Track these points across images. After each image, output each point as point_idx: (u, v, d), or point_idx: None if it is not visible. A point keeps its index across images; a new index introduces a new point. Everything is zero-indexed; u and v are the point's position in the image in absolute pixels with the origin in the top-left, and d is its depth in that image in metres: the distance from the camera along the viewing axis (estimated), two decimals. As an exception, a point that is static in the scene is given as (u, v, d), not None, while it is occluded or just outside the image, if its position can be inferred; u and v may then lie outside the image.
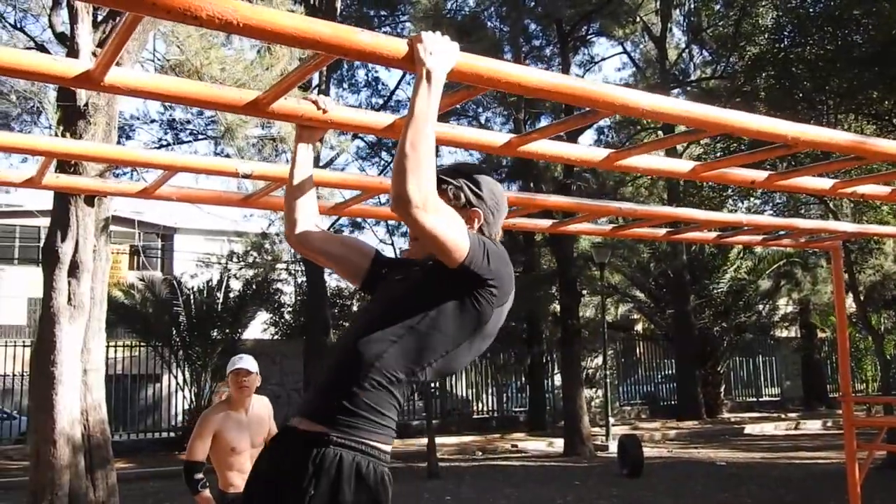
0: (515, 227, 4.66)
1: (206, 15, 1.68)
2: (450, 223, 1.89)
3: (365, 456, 1.92)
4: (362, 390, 1.94)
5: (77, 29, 6.92)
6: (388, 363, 1.96)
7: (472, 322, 2.02)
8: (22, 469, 13.23)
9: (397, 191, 1.80)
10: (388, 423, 1.98)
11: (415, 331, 1.98)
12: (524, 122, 16.23)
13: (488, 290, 1.99)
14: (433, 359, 2.01)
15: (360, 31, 1.95)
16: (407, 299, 2.05)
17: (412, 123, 1.85)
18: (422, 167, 1.81)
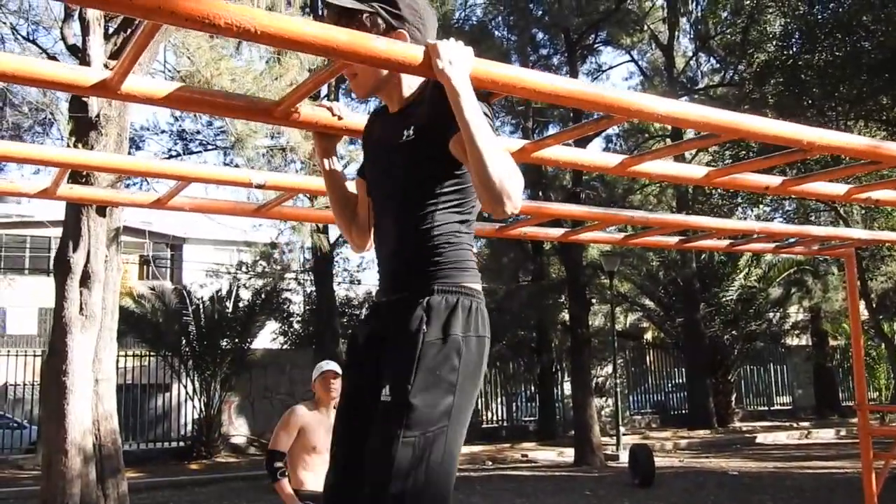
0: (526, 236, 4.65)
1: (225, 23, 1.68)
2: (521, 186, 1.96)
3: (466, 297, 2.03)
4: (438, 253, 2.04)
5: (89, 41, 6.97)
6: (443, 225, 2.05)
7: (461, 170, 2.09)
8: (33, 478, 13.26)
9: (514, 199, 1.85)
10: (472, 267, 2.09)
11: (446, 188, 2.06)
12: (532, 130, 16.23)
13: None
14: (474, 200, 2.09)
15: (375, 38, 1.95)
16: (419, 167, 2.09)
17: (479, 136, 1.86)
18: (511, 167, 1.87)
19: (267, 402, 18.33)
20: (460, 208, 2.09)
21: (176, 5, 1.62)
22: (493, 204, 1.85)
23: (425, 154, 2.06)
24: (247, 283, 20.09)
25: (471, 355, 2.01)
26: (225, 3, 1.72)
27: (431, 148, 2.05)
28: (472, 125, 1.86)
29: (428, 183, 2.07)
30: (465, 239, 2.10)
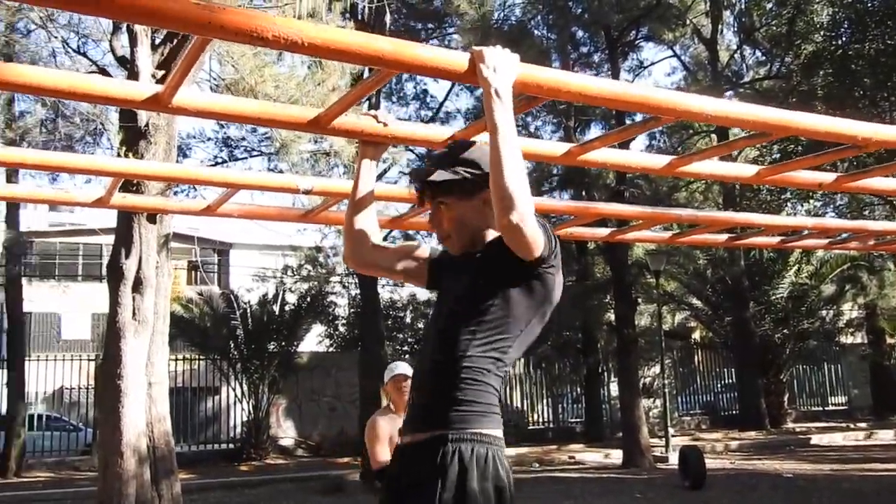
0: (572, 236, 4.62)
1: (273, 36, 1.71)
2: (536, 224, 1.94)
3: (482, 444, 1.98)
4: (460, 390, 2.00)
5: (137, 52, 7.12)
6: (473, 359, 2.01)
7: (540, 298, 2.08)
8: (88, 479, 13.59)
9: (518, 219, 1.86)
10: (493, 411, 2.04)
11: (487, 322, 2.03)
12: (574, 129, 16.13)
13: (551, 265, 2.06)
14: (511, 343, 2.06)
15: (419, 45, 1.97)
16: (472, 295, 2.09)
17: (505, 144, 1.89)
18: (525, 183, 1.89)
19: (314, 404, 18.52)
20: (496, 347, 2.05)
21: (225, 21, 1.65)
22: (502, 212, 1.88)
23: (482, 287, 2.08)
24: (292, 286, 20.31)
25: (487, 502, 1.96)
26: (272, 17, 1.75)
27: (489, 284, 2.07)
28: (500, 131, 1.89)
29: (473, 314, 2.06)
30: (492, 380, 2.04)
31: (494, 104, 1.90)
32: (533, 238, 1.92)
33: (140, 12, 1.63)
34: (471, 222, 2.16)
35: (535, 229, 1.92)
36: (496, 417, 2.05)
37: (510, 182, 1.86)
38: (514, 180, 1.86)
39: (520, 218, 1.87)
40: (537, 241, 1.95)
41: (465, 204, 2.14)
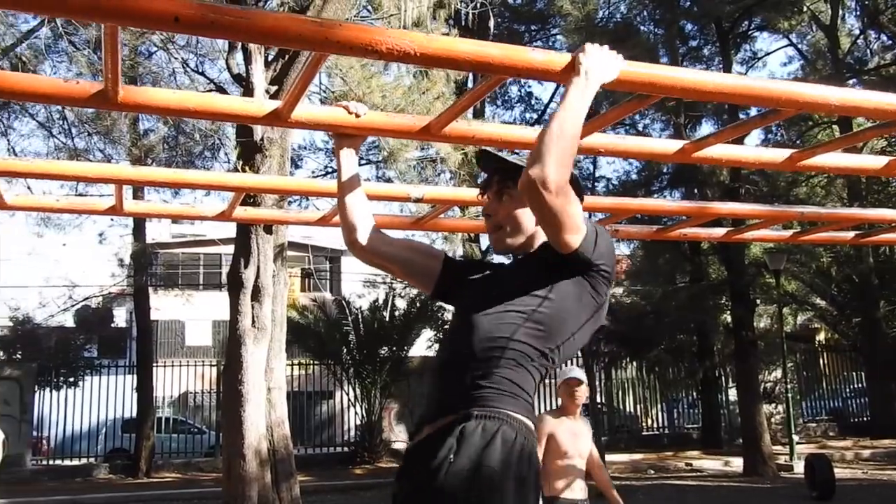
0: (686, 237, 4.49)
1: (386, 48, 1.74)
2: (574, 209, 1.87)
3: (509, 426, 1.85)
4: (498, 367, 1.90)
5: (251, 69, 7.42)
6: (518, 343, 1.92)
7: (591, 305, 2.00)
8: (212, 480, 14.21)
9: (539, 172, 1.76)
10: (527, 398, 1.93)
11: (537, 313, 1.94)
12: (685, 125, 15.68)
13: (602, 273, 1.98)
14: (561, 341, 1.98)
15: (529, 49, 1.95)
16: (520, 291, 1.98)
17: (563, 112, 1.83)
18: (567, 151, 1.81)
19: (425, 408, 18.71)
20: (544, 337, 1.95)
21: (341, 36, 1.69)
22: (528, 163, 1.80)
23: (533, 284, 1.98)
24: (402, 292, 20.61)
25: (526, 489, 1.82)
26: (385, 30, 1.78)
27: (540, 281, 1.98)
28: (569, 104, 1.85)
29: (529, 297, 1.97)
30: (532, 371, 1.94)
31: (575, 85, 1.86)
32: (558, 211, 1.81)
33: (261, 33, 1.69)
34: (527, 222, 2.08)
35: (564, 205, 1.81)
36: (529, 406, 1.94)
37: (550, 143, 1.79)
38: (556, 144, 1.78)
39: (540, 178, 1.76)
40: (566, 222, 1.85)
41: (524, 199, 2.01)
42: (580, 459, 4.42)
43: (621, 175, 17.96)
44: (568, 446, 4.38)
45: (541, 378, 1.99)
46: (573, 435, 4.44)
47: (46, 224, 15.34)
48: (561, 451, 4.38)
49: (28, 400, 16.51)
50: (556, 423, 4.46)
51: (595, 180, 17.01)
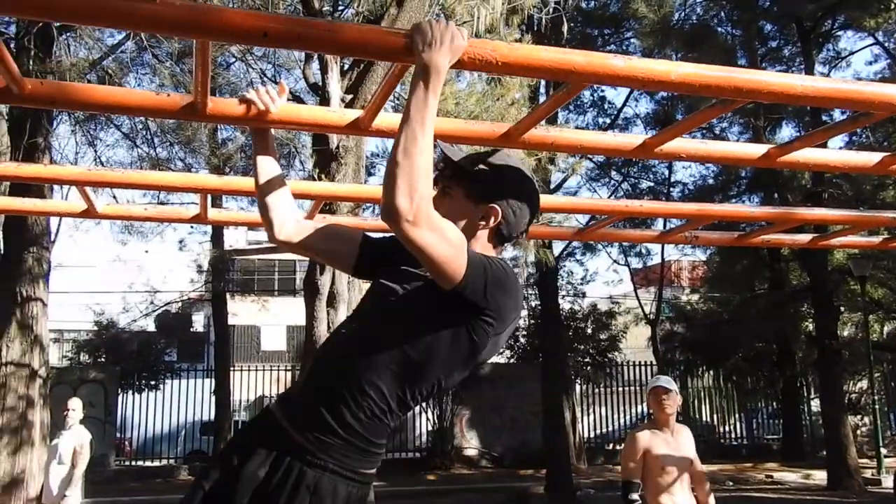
0: (770, 243, 4.36)
1: (468, 58, 1.74)
2: (445, 242, 1.66)
3: (348, 481, 1.76)
4: (355, 418, 1.76)
5: (328, 79, 7.54)
6: (383, 393, 1.77)
7: (466, 352, 1.81)
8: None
9: (386, 202, 1.61)
10: (376, 451, 1.83)
11: (412, 360, 1.78)
12: (764, 128, 15.25)
13: (485, 320, 1.78)
14: (425, 388, 1.83)
15: (612, 56, 1.93)
16: (406, 320, 1.83)
17: (405, 127, 1.64)
18: (414, 176, 1.60)
19: (496, 415, 18.67)
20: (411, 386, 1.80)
21: (423, 46, 1.70)
22: (381, 203, 1.63)
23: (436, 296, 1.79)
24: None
25: None
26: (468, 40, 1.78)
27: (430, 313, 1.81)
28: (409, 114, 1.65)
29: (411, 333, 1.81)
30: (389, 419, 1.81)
31: (417, 86, 1.66)
32: (422, 245, 1.63)
33: (346, 45, 1.72)
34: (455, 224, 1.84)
35: (429, 238, 1.63)
36: (376, 458, 1.84)
37: (395, 168, 1.59)
38: (400, 169, 1.59)
39: (387, 209, 1.60)
40: (434, 257, 1.65)
41: (466, 205, 1.89)
42: (683, 473, 4.21)
43: (697, 180, 17.57)
44: (665, 460, 4.18)
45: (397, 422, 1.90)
46: (670, 447, 4.23)
47: (130, 232, 15.92)
48: (658, 467, 4.19)
49: (112, 402, 17.14)
50: (649, 437, 4.27)
51: (671, 185, 16.69)
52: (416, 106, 1.64)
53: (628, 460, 4.24)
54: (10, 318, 9.13)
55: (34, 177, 2.94)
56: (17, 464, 8.87)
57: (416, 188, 1.59)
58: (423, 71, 1.65)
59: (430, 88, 1.65)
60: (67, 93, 2.01)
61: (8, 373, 9.04)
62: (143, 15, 1.58)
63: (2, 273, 9.36)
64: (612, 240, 7.75)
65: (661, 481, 4.17)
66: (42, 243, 9.60)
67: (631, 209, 3.52)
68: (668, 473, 4.16)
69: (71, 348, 22.61)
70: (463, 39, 1.68)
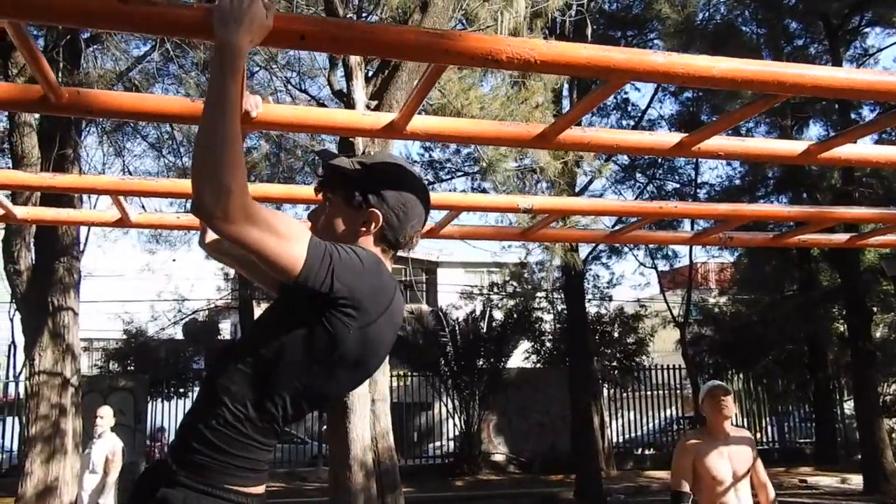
0: (805, 243, 4.29)
1: (507, 57, 1.71)
2: (273, 234, 1.53)
3: (214, 499, 1.64)
4: (208, 428, 1.66)
5: (353, 85, 7.55)
6: (234, 398, 1.66)
7: (324, 349, 1.66)
8: (316, 489, 14.49)
9: (194, 199, 1.48)
10: (242, 464, 1.67)
11: (263, 361, 1.68)
12: (791, 127, 15.07)
13: (341, 310, 1.63)
14: (283, 392, 1.68)
15: (652, 52, 1.89)
16: (265, 323, 1.77)
17: (202, 117, 1.52)
18: (218, 168, 1.45)
19: (523, 420, 18.58)
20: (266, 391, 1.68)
21: (461, 47, 1.68)
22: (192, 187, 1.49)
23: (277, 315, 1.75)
24: (499, 303, 20.56)
25: None
26: (504, 38, 1.76)
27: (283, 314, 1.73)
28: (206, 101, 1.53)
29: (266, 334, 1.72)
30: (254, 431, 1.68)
31: (211, 69, 1.55)
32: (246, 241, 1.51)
33: (383, 47, 1.70)
34: (337, 232, 1.79)
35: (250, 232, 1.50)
36: (246, 472, 1.69)
37: (196, 162, 1.48)
38: (199, 161, 1.47)
39: (196, 207, 1.48)
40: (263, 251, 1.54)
41: (345, 210, 1.81)
42: (739, 482, 3.94)
43: (724, 181, 17.39)
44: (715, 471, 3.93)
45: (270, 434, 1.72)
46: (723, 455, 3.98)
47: (158, 241, 16.07)
48: (710, 477, 3.93)
49: (141, 410, 17.25)
50: (699, 444, 4.01)
51: (697, 187, 16.53)
52: (212, 91, 1.50)
53: (678, 469, 4.00)
54: (42, 327, 9.23)
55: (71, 187, 2.96)
56: (50, 472, 8.96)
57: (221, 181, 1.44)
58: (216, 51, 1.52)
59: (225, 70, 1.49)
60: (103, 101, 2.01)
61: (41, 381, 9.13)
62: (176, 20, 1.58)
63: (34, 283, 9.46)
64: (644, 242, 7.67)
65: (715, 492, 3.94)
66: (72, 253, 9.70)
67: (665, 210, 3.46)
68: (721, 483, 3.92)
69: (101, 357, 22.86)
70: (267, 18, 1.54)
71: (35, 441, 9.00)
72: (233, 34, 1.50)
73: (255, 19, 1.51)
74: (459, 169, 14.63)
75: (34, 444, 9.00)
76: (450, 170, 14.92)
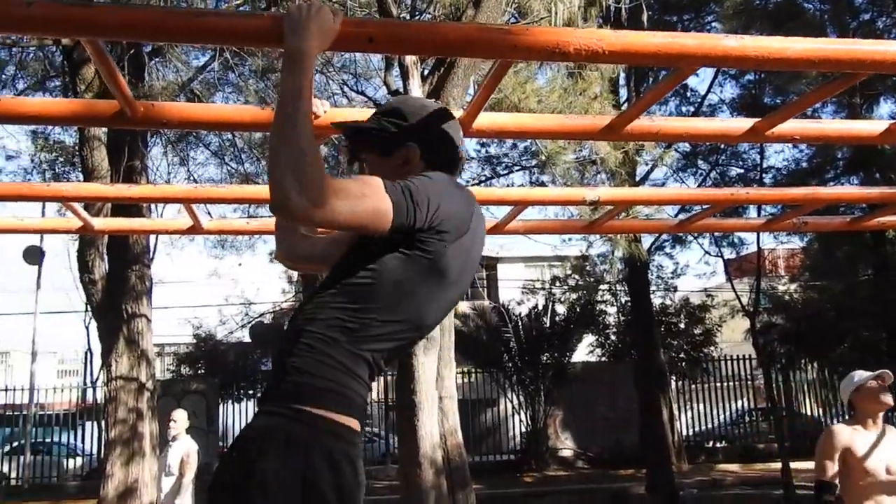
0: (884, 225, 4.13)
1: (574, 49, 1.69)
2: (355, 198, 1.55)
3: (295, 422, 1.59)
4: (294, 356, 1.65)
5: (409, 85, 7.58)
6: (322, 324, 1.65)
7: (422, 270, 1.67)
8: (385, 487, 14.62)
9: (278, 200, 1.49)
10: (327, 386, 1.62)
11: (349, 287, 1.67)
12: (861, 105, 14.56)
13: (432, 233, 1.65)
14: (374, 315, 1.66)
15: (724, 36, 1.85)
16: (345, 260, 1.76)
17: (278, 116, 1.56)
18: (300, 162, 1.49)
19: (589, 415, 18.43)
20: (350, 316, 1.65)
21: (529, 41, 1.67)
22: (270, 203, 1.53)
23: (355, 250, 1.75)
24: (561, 297, 20.41)
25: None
26: (571, 30, 1.73)
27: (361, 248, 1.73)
28: (278, 103, 1.57)
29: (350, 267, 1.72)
30: (341, 356, 1.64)
31: (282, 74, 1.59)
32: (349, 222, 1.55)
33: (450, 45, 1.69)
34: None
35: (340, 211, 1.51)
36: (341, 399, 1.63)
37: (276, 161, 1.50)
38: (282, 160, 1.49)
39: (282, 207, 1.50)
40: (367, 222, 1.57)
41: (382, 162, 1.81)
42: (890, 478, 3.67)
43: (790, 164, 16.90)
44: (871, 461, 3.67)
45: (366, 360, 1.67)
46: (872, 448, 3.70)
47: (224, 247, 16.42)
48: (861, 469, 3.67)
49: (213, 412, 17.69)
50: (850, 433, 3.74)
51: (763, 171, 16.10)
52: (285, 95, 1.55)
53: (824, 458, 3.74)
54: (117, 334, 9.52)
55: (146, 197, 3.05)
56: (130, 474, 9.23)
57: (305, 173, 1.48)
58: (287, 57, 1.57)
59: (298, 75, 1.55)
60: (176, 113, 2.05)
61: (118, 386, 9.42)
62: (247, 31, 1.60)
63: (108, 292, 9.77)
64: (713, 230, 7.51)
65: (864, 485, 3.67)
66: (143, 261, 9.98)
67: (736, 197, 3.38)
68: (873, 476, 3.65)
69: (172, 361, 23.51)
70: (335, 23, 1.59)
71: (114, 444, 9.29)
72: (303, 41, 1.56)
73: (323, 25, 1.57)
74: (517, 163, 14.54)
75: (114, 448, 9.29)
76: (507, 165, 14.84)
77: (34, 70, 11.97)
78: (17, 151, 21.39)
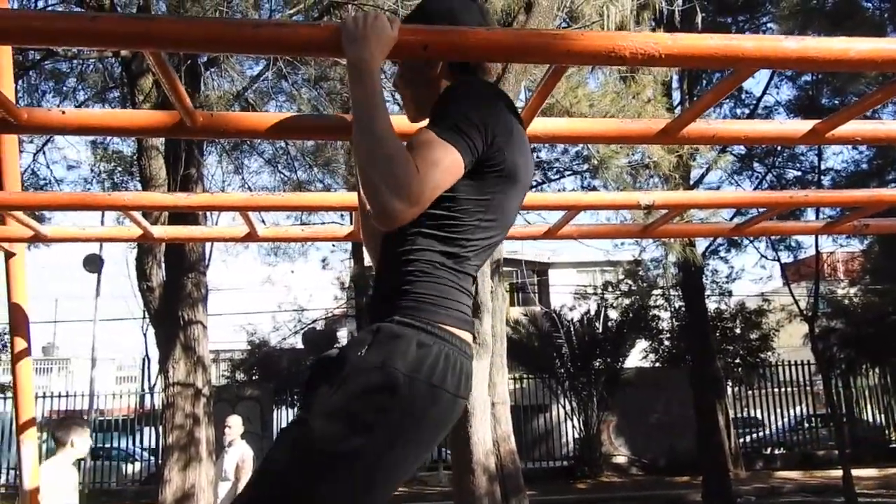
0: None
1: (629, 53, 1.68)
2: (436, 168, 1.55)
3: (429, 335, 1.60)
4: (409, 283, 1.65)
5: (459, 91, 7.59)
6: (420, 253, 1.67)
7: (492, 179, 1.69)
8: (437, 493, 14.63)
9: (382, 213, 1.52)
10: (452, 307, 1.66)
11: (433, 214, 1.65)
12: (923, 105, 14.09)
13: (493, 149, 1.66)
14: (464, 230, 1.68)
15: (784, 38, 1.81)
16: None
17: (356, 129, 1.58)
18: (391, 166, 1.50)
19: (644, 421, 18.18)
20: (446, 236, 1.68)
21: (584, 46, 1.66)
22: (373, 215, 1.55)
23: None
24: (614, 303, 20.20)
25: (411, 405, 1.55)
26: (626, 34, 1.72)
27: None
28: (355, 116, 1.59)
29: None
30: (446, 274, 1.66)
31: (351, 86, 1.61)
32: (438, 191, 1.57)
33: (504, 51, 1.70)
34: (420, 91, 1.84)
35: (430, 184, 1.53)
36: (459, 316, 1.66)
37: (370, 176, 1.51)
38: (376, 172, 1.51)
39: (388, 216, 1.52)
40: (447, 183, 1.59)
41: (412, 73, 1.85)
42: None
43: (849, 165, 16.46)
44: None
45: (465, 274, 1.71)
46: None
47: (276, 254, 16.67)
48: None
49: (267, 418, 17.93)
50: None
51: (821, 174, 15.70)
52: (358, 106, 1.58)
53: None
54: (174, 341, 9.72)
55: (204, 205, 3.11)
56: (187, 479, 9.40)
57: (398, 175, 1.50)
58: (350, 67, 1.59)
59: (365, 84, 1.57)
60: (235, 122, 2.10)
61: (175, 392, 9.61)
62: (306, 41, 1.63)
63: (165, 299, 9.98)
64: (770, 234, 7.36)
65: None
66: (199, 269, 10.17)
67: (795, 200, 3.32)
68: None
69: (227, 367, 23.92)
70: (392, 30, 1.60)
71: (172, 450, 9.47)
72: (362, 50, 1.58)
73: (381, 33, 1.59)
74: (568, 168, 14.46)
75: (171, 453, 9.47)
76: (558, 169, 14.78)
77: (94, 81, 12.30)
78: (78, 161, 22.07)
